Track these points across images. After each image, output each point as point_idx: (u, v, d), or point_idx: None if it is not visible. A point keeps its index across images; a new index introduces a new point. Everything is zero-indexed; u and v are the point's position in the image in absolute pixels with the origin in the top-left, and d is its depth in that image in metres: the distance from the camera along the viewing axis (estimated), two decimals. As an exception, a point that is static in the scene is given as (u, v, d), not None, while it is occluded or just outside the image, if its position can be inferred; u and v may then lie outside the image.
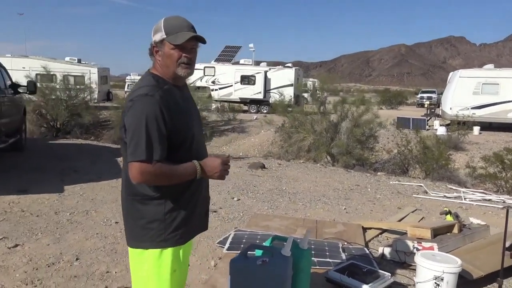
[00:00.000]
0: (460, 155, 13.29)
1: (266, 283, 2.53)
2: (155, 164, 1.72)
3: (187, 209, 1.90)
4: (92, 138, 15.19)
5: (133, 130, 1.72)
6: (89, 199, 5.64)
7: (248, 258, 2.61)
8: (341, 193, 6.85)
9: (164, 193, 1.83)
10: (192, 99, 2.03)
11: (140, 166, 1.71)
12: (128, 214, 1.91)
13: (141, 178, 1.74)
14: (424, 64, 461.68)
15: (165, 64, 1.83)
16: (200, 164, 1.84)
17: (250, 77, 24.82)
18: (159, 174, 1.74)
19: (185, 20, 1.83)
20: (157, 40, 1.82)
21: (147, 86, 1.78)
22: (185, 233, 1.92)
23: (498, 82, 18.52)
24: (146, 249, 1.85)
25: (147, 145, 1.70)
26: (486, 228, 4.51)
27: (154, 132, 1.71)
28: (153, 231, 1.83)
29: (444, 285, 3.06)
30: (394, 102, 37.15)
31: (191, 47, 1.82)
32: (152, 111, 1.71)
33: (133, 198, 1.86)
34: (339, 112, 11.90)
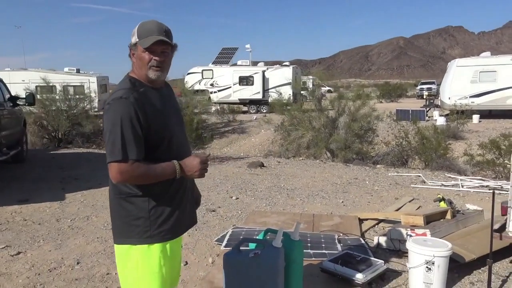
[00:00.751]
0: (460, 144, 13.30)
1: (259, 274, 2.61)
2: (133, 164, 1.79)
3: (172, 205, 1.96)
4: (93, 146, 15.29)
5: (109, 132, 1.80)
6: (90, 205, 5.73)
7: (240, 252, 2.68)
8: (339, 187, 6.91)
9: (147, 190, 1.89)
10: (172, 99, 2.09)
11: (119, 166, 1.78)
12: (115, 213, 1.98)
13: (120, 178, 1.81)
14: (423, 55, 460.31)
15: (138, 66, 1.91)
16: (180, 164, 1.89)
17: (248, 78, 24.91)
18: (137, 173, 1.80)
19: (158, 24, 1.89)
20: (132, 43, 1.91)
21: (123, 89, 1.86)
22: (172, 229, 1.97)
23: (495, 70, 18.52)
24: (133, 245, 1.92)
25: (122, 145, 1.77)
26: (480, 213, 4.57)
27: (129, 132, 1.78)
28: (139, 227, 1.90)
29: (435, 269, 3.12)
30: (393, 95, 37.13)
31: (161, 50, 1.88)
32: (127, 113, 1.79)
33: (119, 196, 1.93)
34: (336, 108, 11.96)
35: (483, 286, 3.31)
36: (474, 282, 3.40)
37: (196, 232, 4.54)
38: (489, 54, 20.50)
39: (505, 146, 8.42)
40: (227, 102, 24.92)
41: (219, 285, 3.30)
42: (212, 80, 25.37)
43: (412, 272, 3.24)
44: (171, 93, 2.13)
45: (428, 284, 3.16)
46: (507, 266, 3.70)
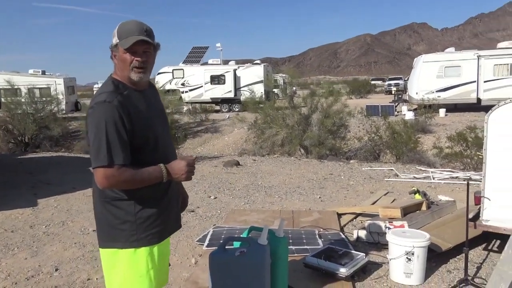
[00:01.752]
0: (428, 137, 13.70)
1: (245, 272, 2.62)
2: (119, 169, 1.76)
3: (158, 208, 1.94)
4: (63, 150, 14.91)
5: (94, 136, 1.76)
6: (64, 210, 5.59)
7: (226, 251, 2.68)
8: (316, 183, 7.00)
9: (133, 194, 1.87)
10: (156, 101, 2.06)
11: (104, 171, 1.75)
12: (100, 217, 1.94)
13: (106, 183, 1.78)
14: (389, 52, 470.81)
15: (120, 68, 1.87)
16: (166, 167, 1.87)
17: (220, 77, 24.81)
18: (123, 178, 1.78)
19: (138, 24, 1.85)
20: (112, 44, 1.86)
21: (106, 93, 1.82)
22: (158, 233, 1.95)
23: (460, 65, 19.14)
24: (120, 249, 1.89)
25: (108, 150, 1.74)
26: (453, 204, 4.73)
27: (114, 137, 1.75)
28: (125, 231, 1.87)
29: (415, 259, 3.22)
30: (363, 91, 37.83)
31: (143, 50, 1.84)
32: (111, 117, 1.76)
33: (104, 200, 1.90)
34: (309, 105, 12.09)
35: (460, 273, 3.43)
36: (451, 270, 3.52)
37: (177, 233, 4.48)
38: (453, 49, 21.17)
39: (471, 138, 8.73)
40: (199, 102, 24.76)
41: (204, 285, 3.29)
42: (183, 79, 25.13)
43: (393, 263, 3.33)
44: (155, 94, 2.09)
45: (409, 274, 3.25)
46: (480, 253, 3.86)
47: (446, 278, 3.39)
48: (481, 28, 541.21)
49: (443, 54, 20.54)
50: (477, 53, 19.25)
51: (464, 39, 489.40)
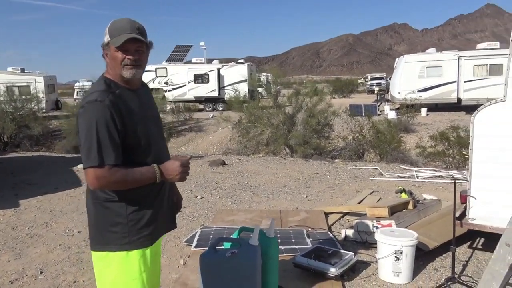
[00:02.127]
0: (411, 136, 13.91)
1: (237, 273, 2.60)
2: (110, 169, 1.72)
3: (150, 210, 1.90)
4: (43, 149, 14.63)
5: (85, 136, 1.72)
6: (48, 211, 5.48)
7: (217, 252, 2.66)
8: (302, 182, 7.02)
9: (125, 196, 1.83)
10: (149, 101, 2.02)
11: (95, 172, 1.71)
12: (92, 218, 1.90)
13: (97, 184, 1.74)
14: (371, 52, 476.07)
15: (112, 67, 1.84)
16: (160, 168, 1.82)
17: (203, 76, 24.68)
18: (114, 179, 1.74)
19: (129, 22, 1.82)
20: (104, 42, 1.83)
21: (98, 92, 1.78)
22: (151, 235, 1.92)
23: (440, 65, 19.48)
24: (112, 252, 1.85)
25: (98, 150, 1.70)
26: (438, 202, 4.81)
27: (105, 137, 1.72)
28: (117, 234, 1.84)
29: (403, 258, 3.25)
30: (345, 91, 38.17)
31: (135, 48, 1.81)
32: (102, 117, 1.72)
33: (95, 201, 1.85)
34: (293, 104, 12.13)
35: (446, 271, 3.48)
36: (438, 268, 3.57)
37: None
38: (434, 50, 21.52)
39: (454, 137, 8.88)
40: (182, 101, 24.58)
41: (194, 286, 3.26)
42: (166, 78, 24.92)
43: (381, 262, 3.36)
44: (148, 93, 2.05)
45: (397, 273, 3.28)
46: (466, 251, 3.92)
47: (433, 276, 3.43)
48: (460, 29, 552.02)
49: (424, 54, 20.87)
50: (458, 53, 19.62)
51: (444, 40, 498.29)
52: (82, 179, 7.34)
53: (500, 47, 20.44)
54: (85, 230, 4.70)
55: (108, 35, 1.81)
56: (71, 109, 17.29)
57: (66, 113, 17.41)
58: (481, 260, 3.73)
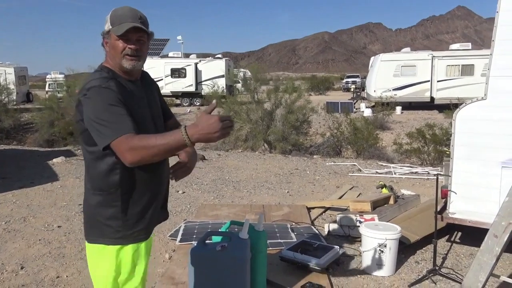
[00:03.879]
0: (386, 133, 14.18)
1: (227, 267, 2.61)
2: (136, 136, 1.59)
3: (145, 205, 1.87)
4: (14, 142, 14.20)
5: (97, 118, 1.64)
6: (24, 205, 5.33)
7: (207, 245, 2.66)
8: (283, 178, 7.07)
9: (119, 187, 1.78)
10: (149, 93, 1.94)
11: (126, 141, 1.58)
12: (88, 209, 1.86)
13: (131, 156, 1.58)
14: (346, 50, 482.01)
15: (112, 56, 1.79)
16: (186, 129, 1.55)
17: (181, 70, 24.46)
18: (145, 144, 1.57)
19: (131, 10, 1.78)
20: (104, 31, 1.78)
21: (98, 79, 1.73)
22: (144, 229, 1.90)
23: (415, 64, 19.91)
24: (106, 245, 1.83)
25: (117, 121, 1.61)
26: (417, 197, 4.94)
27: (118, 110, 1.64)
28: (111, 228, 1.80)
29: (387, 251, 3.33)
30: (322, 88, 38.52)
31: (137, 38, 1.76)
32: (108, 98, 1.66)
33: (93, 192, 1.81)
34: (273, 100, 12.16)
35: (427, 264, 3.59)
36: (419, 261, 3.67)
37: (147, 228, 4.41)
38: (409, 49, 21.98)
39: (429, 135, 9.11)
40: (159, 95, 24.27)
41: (181, 280, 3.25)
42: (142, 72, 24.55)
43: (366, 255, 3.43)
44: (149, 86, 1.98)
45: (381, 265, 3.36)
46: (444, 244, 4.05)
47: (415, 269, 3.53)
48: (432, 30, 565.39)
49: (400, 53, 21.28)
50: (432, 54, 20.11)
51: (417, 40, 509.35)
52: (59, 173, 7.18)
53: (472, 48, 21.08)
54: (65, 224, 4.61)
55: (109, 23, 1.76)
56: (43, 101, 16.83)
57: (39, 105, 16.93)
58: (459, 253, 3.87)
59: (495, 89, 3.34)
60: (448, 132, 8.88)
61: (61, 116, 13.49)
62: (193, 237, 4.06)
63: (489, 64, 3.37)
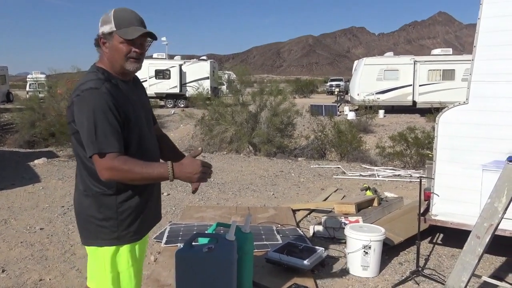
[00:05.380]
0: (369, 137, 14.35)
1: (213, 269, 2.60)
2: (118, 157, 1.66)
3: (139, 205, 1.87)
4: (-6, 143, 13.92)
5: (87, 125, 1.66)
6: (5, 207, 5.23)
7: (193, 247, 2.65)
8: (268, 180, 7.09)
9: (116, 189, 1.79)
10: (141, 96, 1.97)
11: (104, 160, 1.64)
12: (81, 211, 1.85)
13: (107, 174, 1.66)
14: (330, 54, 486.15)
15: (112, 58, 1.78)
16: (173, 166, 1.68)
17: (165, 71, 24.32)
18: (125, 167, 1.65)
19: (135, 14, 1.80)
20: (105, 31, 1.76)
21: (93, 80, 1.72)
22: (139, 230, 1.90)
23: (398, 69, 20.21)
24: (100, 247, 1.82)
25: (102, 137, 1.65)
26: (400, 200, 5.01)
27: (106, 124, 1.66)
28: (106, 229, 1.80)
29: (371, 252, 3.37)
30: (306, 91, 38.76)
31: (140, 42, 1.80)
32: (101, 104, 1.67)
33: (86, 194, 1.80)
34: (257, 102, 12.19)
35: (410, 265, 3.65)
36: (402, 263, 3.73)
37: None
38: (392, 54, 22.30)
39: (411, 139, 9.26)
40: (142, 96, 24.07)
41: (166, 282, 3.24)
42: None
43: (351, 256, 3.47)
44: (140, 87, 2.01)
45: (366, 267, 3.41)
46: (427, 246, 4.12)
47: (398, 270, 3.58)
48: (414, 35, 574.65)
49: (383, 58, 21.57)
50: (414, 58, 20.44)
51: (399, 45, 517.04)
52: (41, 174, 7.06)
53: (453, 53, 21.51)
54: (48, 226, 4.54)
55: (113, 25, 1.75)
56: (23, 102, 16.54)
57: (19, 106, 16.61)
58: (441, 254, 3.94)
59: (476, 94, 3.42)
60: (430, 136, 9.04)
61: (43, 117, 13.27)
62: (179, 239, 4.05)
63: (471, 69, 3.45)
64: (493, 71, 3.33)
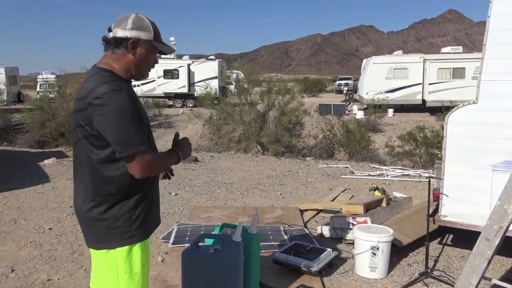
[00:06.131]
0: (378, 136, 14.26)
1: (219, 270, 2.60)
2: (153, 154, 1.79)
3: (147, 204, 1.90)
4: (5, 143, 14.08)
5: (119, 127, 1.67)
6: (15, 207, 5.28)
7: (199, 248, 2.65)
8: (275, 180, 7.08)
9: (127, 190, 1.79)
10: None
11: (144, 158, 1.72)
12: (90, 217, 1.82)
13: (144, 171, 1.75)
14: (339, 52, 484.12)
15: (136, 63, 1.81)
16: (178, 152, 1.94)
17: (173, 71, 24.40)
18: (159, 162, 1.84)
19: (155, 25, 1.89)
20: (143, 38, 1.78)
21: (110, 82, 1.71)
22: (148, 227, 1.92)
23: (407, 67, 20.05)
24: (113, 249, 1.81)
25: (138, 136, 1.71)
26: (409, 200, 4.96)
27: (139, 123, 1.73)
28: (119, 229, 1.80)
29: (380, 253, 3.34)
30: (314, 90, 38.63)
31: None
32: (128, 105, 1.70)
33: (96, 199, 1.78)
34: (265, 102, 12.17)
35: (419, 266, 3.61)
36: (411, 264, 3.69)
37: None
38: (401, 52, 22.13)
39: (420, 138, 9.18)
40: (151, 96, 24.18)
41: (173, 283, 3.24)
42: (135, 72, 24.44)
43: (359, 258, 3.44)
44: None
45: (374, 268, 3.38)
46: (436, 247, 4.08)
47: (407, 271, 3.55)
48: (423, 33, 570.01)
49: (392, 56, 21.43)
50: (423, 56, 20.27)
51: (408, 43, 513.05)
52: (50, 174, 7.12)
53: (463, 51, 21.28)
54: (56, 226, 4.57)
55: (151, 34, 1.81)
56: (34, 102, 16.69)
57: (30, 106, 16.78)
58: (451, 255, 3.89)
59: (486, 93, 3.37)
60: (439, 135, 8.95)
61: (52, 117, 13.40)
62: (186, 239, 4.05)
63: (480, 68, 3.40)
64: (503, 70, 3.28)
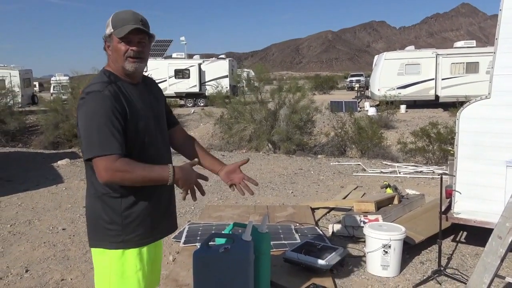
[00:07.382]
0: (391, 132, 14.12)
1: (230, 269, 2.60)
2: (118, 159, 1.66)
3: (146, 208, 1.85)
4: (20, 145, 14.32)
5: (85, 126, 1.68)
6: (29, 208, 5.36)
7: (210, 248, 2.65)
8: (287, 178, 7.06)
9: (120, 192, 1.78)
10: (152, 97, 1.95)
11: (102, 162, 1.64)
12: (90, 213, 1.86)
13: (105, 176, 1.66)
14: (350, 49, 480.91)
15: (114, 59, 1.80)
16: (174, 170, 1.72)
17: (184, 71, 24.49)
18: (123, 169, 1.65)
19: (133, 14, 1.79)
20: (106, 34, 1.79)
21: (97, 83, 1.74)
22: (147, 233, 1.88)
23: (419, 62, 19.81)
24: (107, 249, 1.82)
25: (101, 139, 1.65)
26: (422, 197, 4.91)
27: (107, 126, 1.66)
28: (112, 232, 1.80)
29: (391, 251, 3.31)
30: (325, 87, 38.43)
31: (138, 40, 1.78)
32: (103, 107, 1.67)
33: (93, 195, 1.81)
34: (276, 100, 12.15)
35: (432, 264, 3.57)
36: (424, 262, 3.65)
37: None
38: (413, 48, 21.87)
39: (434, 134, 9.07)
40: (162, 96, 24.30)
41: (185, 282, 3.25)
42: (146, 73, 24.48)
43: (370, 256, 3.42)
44: (152, 89, 1.99)
45: (385, 266, 3.35)
46: (449, 244, 4.02)
47: (420, 269, 3.51)
48: (436, 28, 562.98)
49: (403, 52, 21.18)
50: (436, 51, 20.00)
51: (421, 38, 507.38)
52: (64, 175, 7.21)
53: (476, 45, 20.95)
54: (70, 227, 4.63)
55: (111, 26, 1.77)
56: (48, 104, 16.91)
57: (44, 108, 17.02)
58: (465, 253, 3.84)
59: (498, 88, 3.31)
60: (453, 131, 8.83)
61: (66, 118, 13.58)
62: (197, 238, 4.07)
63: (492, 62, 3.34)
64: (516, 64, 3.22)
